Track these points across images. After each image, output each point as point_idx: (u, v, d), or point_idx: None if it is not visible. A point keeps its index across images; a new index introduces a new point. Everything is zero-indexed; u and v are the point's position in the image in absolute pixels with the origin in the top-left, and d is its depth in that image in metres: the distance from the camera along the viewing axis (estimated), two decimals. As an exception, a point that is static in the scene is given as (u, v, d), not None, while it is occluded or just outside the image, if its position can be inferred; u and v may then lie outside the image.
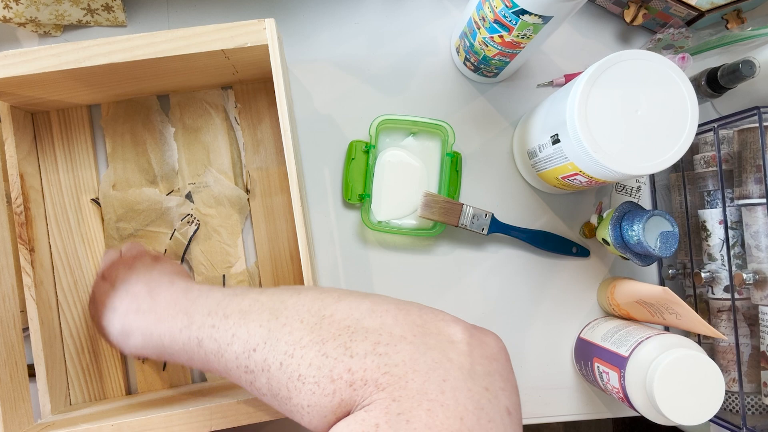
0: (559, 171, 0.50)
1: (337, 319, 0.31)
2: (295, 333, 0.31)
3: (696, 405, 0.44)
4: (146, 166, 0.55)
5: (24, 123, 0.53)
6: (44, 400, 0.50)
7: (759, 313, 0.50)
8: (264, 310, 0.33)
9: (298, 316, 0.32)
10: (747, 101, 0.55)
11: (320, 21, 0.58)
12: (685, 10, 0.55)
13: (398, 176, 0.57)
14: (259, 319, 0.33)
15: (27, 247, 0.51)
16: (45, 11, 0.53)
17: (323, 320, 0.31)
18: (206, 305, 0.37)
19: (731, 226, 0.52)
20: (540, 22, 0.44)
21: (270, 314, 0.33)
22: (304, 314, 0.32)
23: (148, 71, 0.47)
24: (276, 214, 0.56)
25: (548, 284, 0.59)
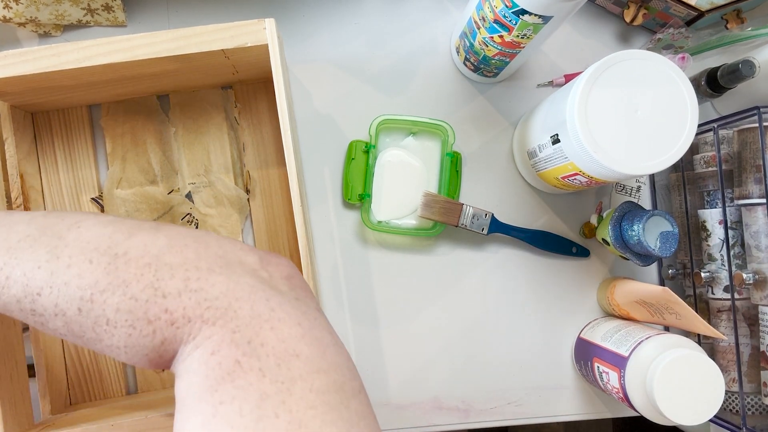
0: (559, 171, 0.50)
1: (133, 257, 0.29)
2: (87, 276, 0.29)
3: (696, 405, 0.44)
4: (146, 166, 0.55)
5: (24, 123, 0.53)
6: (44, 400, 0.50)
7: (759, 313, 0.50)
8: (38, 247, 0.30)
9: (84, 256, 0.29)
10: (747, 101, 0.55)
11: (320, 21, 0.58)
12: (685, 10, 0.55)
13: (398, 176, 0.57)
14: (34, 258, 0.30)
15: (27, 247, 0.51)
16: (45, 11, 0.53)
17: (117, 259, 0.29)
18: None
19: (731, 226, 0.52)
20: (540, 22, 0.44)
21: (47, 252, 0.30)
22: (91, 253, 0.29)
23: (148, 71, 0.47)
24: (276, 214, 0.56)
25: (548, 284, 0.59)
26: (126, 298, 0.28)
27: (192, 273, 0.29)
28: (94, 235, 0.31)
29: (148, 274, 0.29)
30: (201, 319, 0.28)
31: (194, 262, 0.30)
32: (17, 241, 0.31)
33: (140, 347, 0.29)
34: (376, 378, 0.57)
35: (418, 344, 0.58)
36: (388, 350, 0.57)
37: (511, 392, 0.58)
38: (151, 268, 0.29)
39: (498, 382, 0.58)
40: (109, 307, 0.28)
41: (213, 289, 0.28)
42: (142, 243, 0.30)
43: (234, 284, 0.29)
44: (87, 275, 0.29)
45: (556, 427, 1.20)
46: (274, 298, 0.29)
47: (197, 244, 0.31)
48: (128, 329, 0.28)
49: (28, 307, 0.30)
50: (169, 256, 0.30)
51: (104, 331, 0.29)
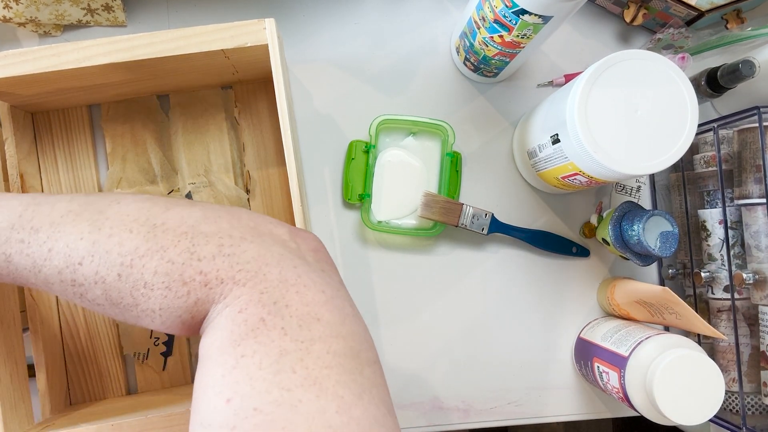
0: (559, 171, 0.50)
1: (170, 227, 0.31)
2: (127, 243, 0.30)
3: (696, 405, 0.44)
4: (146, 166, 0.55)
5: (24, 123, 0.53)
6: (44, 400, 0.50)
7: (759, 313, 0.50)
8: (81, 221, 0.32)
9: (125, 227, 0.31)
10: (747, 101, 0.55)
11: (320, 21, 0.58)
12: (685, 10, 0.55)
13: (398, 176, 0.57)
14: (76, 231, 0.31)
15: (27, 247, 0.51)
16: (45, 11, 0.53)
17: (155, 228, 0.31)
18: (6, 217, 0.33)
19: (731, 226, 0.52)
20: (540, 22, 0.44)
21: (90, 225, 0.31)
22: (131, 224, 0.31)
23: (148, 71, 0.47)
24: (276, 214, 0.56)
25: (548, 284, 0.59)
26: (164, 262, 0.30)
27: (225, 240, 0.31)
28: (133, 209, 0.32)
29: (184, 241, 0.30)
30: (233, 281, 0.29)
31: (228, 231, 0.31)
32: (60, 216, 0.32)
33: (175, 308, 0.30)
34: (376, 378, 0.57)
35: (418, 344, 0.58)
36: (388, 350, 0.57)
37: (511, 392, 0.58)
38: (187, 236, 0.31)
39: (498, 382, 0.58)
40: (148, 271, 0.30)
41: (245, 255, 0.30)
42: (179, 215, 0.32)
43: (264, 251, 0.30)
44: (127, 243, 0.30)
45: (556, 427, 1.20)
46: (302, 266, 0.31)
47: (230, 216, 0.33)
48: (164, 291, 0.30)
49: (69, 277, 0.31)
50: (204, 226, 0.31)
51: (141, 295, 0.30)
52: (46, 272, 0.32)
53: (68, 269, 0.31)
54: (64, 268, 0.31)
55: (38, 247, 0.32)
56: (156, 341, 0.55)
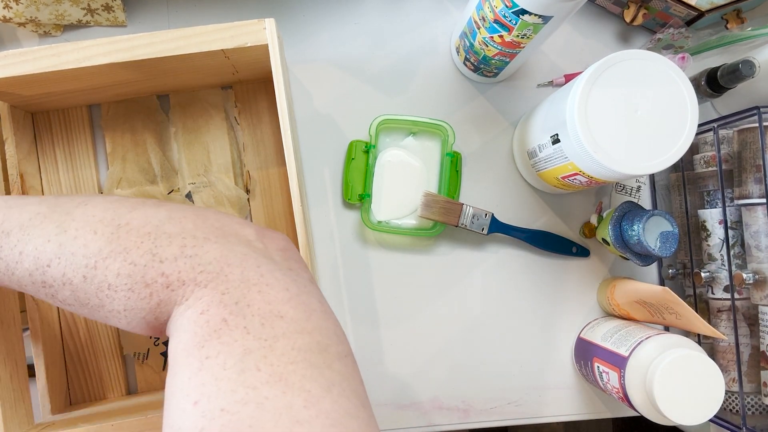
0: (559, 171, 0.50)
1: (134, 227, 0.31)
2: (91, 245, 0.31)
3: (696, 405, 0.44)
4: (146, 166, 0.55)
5: (24, 123, 0.53)
6: (44, 400, 0.50)
7: (759, 313, 0.50)
8: (48, 223, 0.32)
9: (89, 228, 0.31)
10: (747, 101, 0.55)
11: (320, 21, 0.58)
12: (685, 10, 0.55)
13: (398, 176, 0.57)
14: (44, 233, 0.32)
15: (27, 247, 0.51)
16: (45, 11, 0.53)
17: (119, 229, 0.31)
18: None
19: (731, 226, 0.52)
20: (540, 22, 0.44)
21: (56, 227, 0.32)
22: (96, 225, 0.31)
23: (148, 71, 0.47)
24: (276, 214, 0.56)
25: (548, 284, 0.59)
26: (126, 264, 0.30)
27: (189, 241, 0.31)
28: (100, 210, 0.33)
29: (147, 242, 0.31)
30: (194, 282, 0.29)
31: (191, 232, 0.31)
32: (29, 219, 0.33)
33: (138, 310, 0.30)
34: (376, 378, 0.57)
35: (418, 344, 0.58)
36: (388, 350, 0.57)
37: (511, 392, 0.58)
38: (150, 237, 0.31)
39: (498, 382, 0.58)
40: (111, 273, 0.30)
41: (207, 255, 0.30)
42: (144, 215, 0.32)
43: (227, 251, 0.31)
44: (91, 244, 0.31)
45: (556, 427, 1.20)
46: (265, 265, 0.31)
47: (195, 217, 0.33)
48: (127, 292, 0.30)
49: (39, 279, 0.32)
50: (169, 226, 0.31)
51: (106, 296, 0.31)
52: (19, 275, 0.32)
53: (38, 271, 0.32)
54: (34, 270, 0.32)
55: (9, 250, 0.32)
56: (156, 341, 0.55)
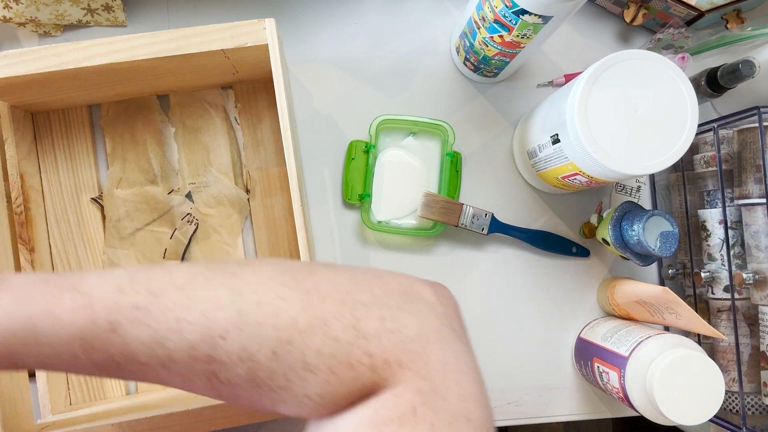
0: (559, 171, 0.50)
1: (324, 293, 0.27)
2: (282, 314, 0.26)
3: (696, 405, 0.44)
4: (146, 166, 0.55)
5: (24, 123, 0.53)
6: (44, 400, 0.50)
7: (759, 313, 0.50)
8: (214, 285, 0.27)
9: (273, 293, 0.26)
10: (747, 101, 0.55)
11: (320, 21, 0.58)
12: (685, 10, 0.55)
13: (398, 176, 0.57)
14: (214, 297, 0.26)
15: (27, 247, 0.51)
16: (45, 11, 0.53)
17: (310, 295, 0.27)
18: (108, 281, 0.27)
19: (731, 226, 0.52)
20: (540, 22, 0.44)
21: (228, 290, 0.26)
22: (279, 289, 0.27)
23: (148, 71, 0.47)
24: (276, 214, 0.56)
25: (548, 284, 0.59)
26: (329, 340, 0.26)
27: (385, 312, 0.27)
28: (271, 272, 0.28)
29: (346, 313, 0.26)
30: (398, 363, 0.26)
31: (383, 299, 0.28)
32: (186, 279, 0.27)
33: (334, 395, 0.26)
34: (376, 378, 0.57)
35: (418, 344, 0.58)
36: (388, 350, 0.57)
37: (511, 392, 0.58)
38: (346, 306, 0.27)
39: (498, 382, 0.58)
40: (311, 350, 0.25)
41: (407, 331, 0.27)
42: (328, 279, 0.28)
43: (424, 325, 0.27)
44: (282, 313, 0.26)
45: (556, 427, 1.20)
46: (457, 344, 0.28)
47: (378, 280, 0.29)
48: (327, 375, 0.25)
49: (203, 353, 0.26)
50: (359, 293, 0.28)
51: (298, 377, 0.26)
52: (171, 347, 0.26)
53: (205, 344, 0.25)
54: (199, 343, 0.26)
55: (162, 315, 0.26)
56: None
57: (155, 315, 0.26)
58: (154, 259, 0.55)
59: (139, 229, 0.55)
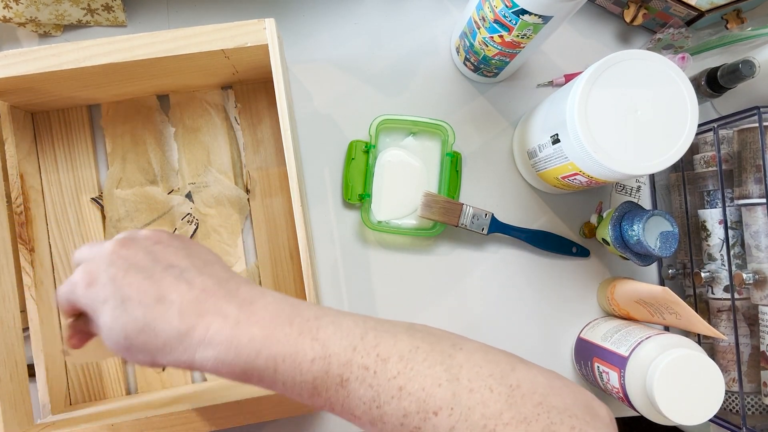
0: (559, 171, 0.50)
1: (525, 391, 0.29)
2: (491, 405, 0.28)
3: (696, 405, 0.44)
4: (146, 166, 0.55)
5: (24, 123, 0.53)
6: (44, 400, 0.50)
7: (759, 313, 0.50)
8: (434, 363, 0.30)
9: (483, 382, 0.29)
10: (747, 101, 0.55)
11: (320, 21, 0.58)
12: (685, 10, 0.55)
13: (398, 176, 0.57)
14: (432, 373, 0.29)
15: (27, 247, 0.51)
16: (45, 11, 0.53)
17: (513, 392, 0.29)
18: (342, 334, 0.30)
19: (731, 226, 0.52)
20: (540, 22, 0.44)
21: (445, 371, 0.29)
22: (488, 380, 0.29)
23: (148, 71, 0.47)
24: (276, 214, 0.56)
25: (548, 284, 0.59)
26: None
27: (575, 422, 0.28)
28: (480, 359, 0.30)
29: (543, 415, 0.28)
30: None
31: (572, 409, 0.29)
32: (408, 350, 0.30)
33: None
34: (376, 378, 0.57)
35: (418, 344, 0.58)
36: (388, 350, 0.57)
37: (511, 392, 0.58)
38: (543, 408, 0.28)
39: (498, 382, 0.58)
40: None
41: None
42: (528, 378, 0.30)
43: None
44: (491, 404, 0.28)
45: (556, 427, 1.19)
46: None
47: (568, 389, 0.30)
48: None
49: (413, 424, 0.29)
50: (553, 398, 0.29)
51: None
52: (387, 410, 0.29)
53: (418, 415, 0.28)
54: (413, 413, 0.28)
55: (386, 382, 0.29)
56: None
57: (380, 378, 0.29)
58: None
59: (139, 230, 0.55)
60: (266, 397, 0.44)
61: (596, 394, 0.58)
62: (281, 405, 0.44)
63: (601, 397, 0.59)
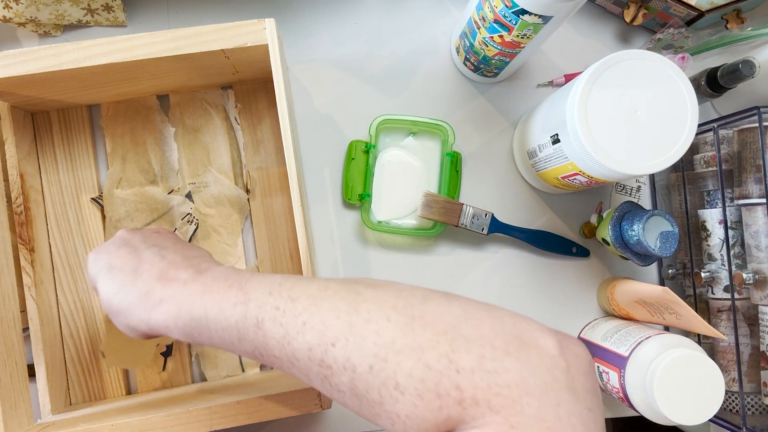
0: (559, 171, 0.50)
1: (429, 321, 0.29)
2: (384, 333, 0.28)
3: (696, 405, 0.44)
4: (146, 166, 0.55)
5: (24, 123, 0.53)
6: (44, 400, 0.50)
7: (759, 313, 0.50)
8: (338, 299, 0.31)
9: (382, 313, 0.29)
10: (747, 101, 0.55)
11: (320, 21, 0.58)
12: (685, 10, 0.55)
13: (398, 176, 0.57)
14: (334, 308, 0.30)
15: (27, 247, 0.51)
16: (45, 11, 0.53)
17: (414, 321, 0.28)
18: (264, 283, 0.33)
19: (731, 226, 0.52)
20: (540, 22, 0.44)
21: (347, 305, 0.30)
22: (389, 312, 0.29)
23: (148, 71, 0.47)
24: (276, 214, 0.56)
25: (548, 284, 0.59)
26: (420, 365, 0.27)
27: (487, 351, 0.27)
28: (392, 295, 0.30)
29: (444, 343, 0.28)
30: (488, 405, 0.26)
31: (490, 339, 0.28)
32: (318, 290, 0.31)
33: (421, 420, 0.27)
34: (376, 378, 0.57)
35: (418, 344, 0.58)
36: (388, 350, 0.57)
37: (511, 392, 0.58)
38: (447, 337, 0.28)
39: (498, 382, 0.58)
40: (402, 371, 0.27)
41: (506, 375, 0.27)
42: (437, 309, 0.29)
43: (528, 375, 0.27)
44: (384, 333, 0.28)
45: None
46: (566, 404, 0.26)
47: (492, 319, 0.29)
48: (414, 398, 0.27)
49: (318, 356, 0.30)
50: (465, 328, 0.28)
51: (389, 395, 0.28)
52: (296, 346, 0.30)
53: (320, 347, 0.29)
54: (315, 346, 0.30)
55: (293, 317, 0.31)
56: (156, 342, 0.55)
57: (288, 316, 0.31)
58: (154, 259, 0.55)
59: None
60: (266, 397, 0.44)
61: (596, 394, 0.59)
62: (281, 405, 0.44)
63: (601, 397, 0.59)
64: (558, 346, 0.29)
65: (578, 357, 0.29)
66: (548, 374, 0.27)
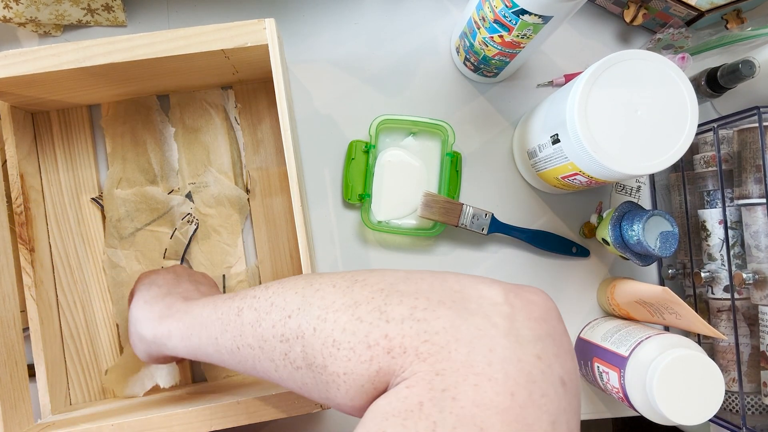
0: (559, 171, 0.50)
1: (369, 282, 0.29)
2: (328, 297, 0.30)
3: (696, 405, 0.44)
4: (146, 166, 0.55)
5: (24, 123, 0.53)
6: (44, 400, 0.50)
7: (759, 313, 0.50)
8: (300, 279, 0.33)
9: (331, 282, 0.31)
10: (747, 101, 0.55)
11: (320, 21, 0.58)
12: (685, 10, 0.55)
13: (398, 176, 0.57)
14: (294, 287, 0.32)
15: (27, 247, 0.51)
16: (45, 11, 0.53)
17: (355, 284, 0.30)
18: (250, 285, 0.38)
19: (731, 226, 0.52)
20: (540, 22, 0.44)
21: (305, 282, 0.32)
22: (337, 280, 0.31)
23: (148, 71, 0.47)
24: (276, 214, 0.56)
25: (548, 284, 0.59)
26: (353, 319, 0.28)
27: (421, 302, 0.27)
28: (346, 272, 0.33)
29: (378, 298, 0.28)
30: (415, 353, 0.26)
31: (426, 293, 0.28)
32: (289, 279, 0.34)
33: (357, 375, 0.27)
34: (376, 378, 0.57)
35: (418, 344, 0.58)
36: (388, 350, 0.57)
37: (511, 392, 0.58)
38: (383, 293, 0.28)
39: (498, 382, 0.58)
40: (338, 326, 0.28)
41: (436, 323, 0.26)
42: (381, 273, 0.31)
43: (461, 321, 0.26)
44: (328, 296, 0.30)
45: (556, 427, 1.19)
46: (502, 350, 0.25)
47: (433, 278, 0.29)
48: (348, 352, 0.27)
49: (279, 332, 0.31)
50: (403, 285, 0.29)
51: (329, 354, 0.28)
52: (264, 325, 0.32)
53: (280, 322, 0.31)
54: (277, 321, 0.31)
55: (264, 300, 0.33)
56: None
57: (261, 301, 0.33)
58: (154, 259, 0.55)
59: (139, 229, 0.55)
60: (266, 397, 0.44)
61: (596, 394, 0.59)
62: (281, 405, 0.44)
63: (601, 397, 0.59)
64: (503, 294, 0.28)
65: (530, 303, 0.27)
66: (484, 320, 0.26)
